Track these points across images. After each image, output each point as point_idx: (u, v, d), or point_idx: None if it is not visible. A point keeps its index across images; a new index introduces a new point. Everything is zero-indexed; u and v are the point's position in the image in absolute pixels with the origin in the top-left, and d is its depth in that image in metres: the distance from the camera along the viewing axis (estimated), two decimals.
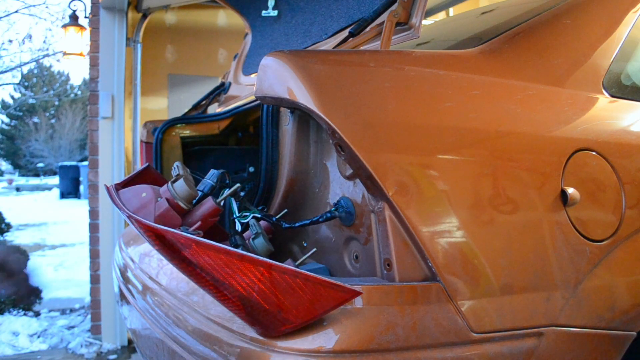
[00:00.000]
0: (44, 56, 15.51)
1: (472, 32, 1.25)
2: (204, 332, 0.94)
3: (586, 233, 0.96)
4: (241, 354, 0.84)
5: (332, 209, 0.98)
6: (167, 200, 1.00)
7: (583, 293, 0.95)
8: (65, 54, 4.19)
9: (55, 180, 22.65)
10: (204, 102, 2.17)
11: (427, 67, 0.94)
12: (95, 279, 3.24)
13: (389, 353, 0.81)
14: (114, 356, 3.11)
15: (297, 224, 1.02)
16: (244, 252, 0.74)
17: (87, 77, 3.43)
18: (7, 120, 30.98)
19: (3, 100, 29.91)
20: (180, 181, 1.03)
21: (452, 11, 2.88)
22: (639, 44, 1.21)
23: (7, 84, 19.82)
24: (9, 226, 7.11)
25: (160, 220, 0.97)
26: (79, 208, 11.89)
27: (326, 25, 1.41)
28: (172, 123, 1.96)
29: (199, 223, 1.02)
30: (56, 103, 28.27)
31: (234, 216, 1.04)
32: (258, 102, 1.23)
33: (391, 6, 1.05)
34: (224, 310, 0.95)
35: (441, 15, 2.54)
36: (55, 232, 9.02)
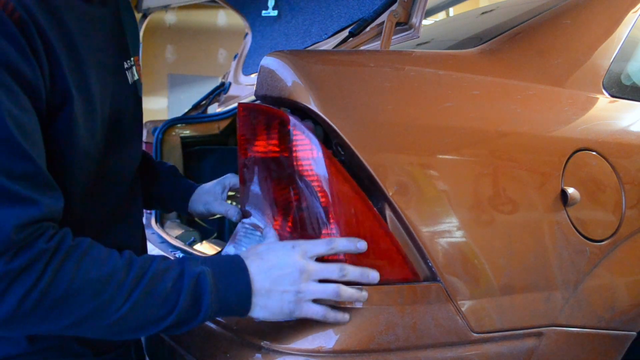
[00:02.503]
0: None
1: (472, 32, 1.25)
2: (204, 331, 0.94)
3: (586, 233, 0.96)
4: (241, 354, 0.84)
5: None
6: None
7: (583, 293, 0.95)
8: None
9: None
10: (204, 102, 2.17)
11: (427, 67, 0.94)
12: None
13: (389, 353, 0.81)
14: None
15: None
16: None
17: None
18: None
19: None
20: None
21: (452, 11, 2.87)
22: (639, 44, 1.21)
23: None
24: None
25: None
26: None
27: (326, 25, 1.41)
28: (172, 123, 1.96)
29: None
30: None
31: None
32: (258, 102, 1.23)
33: (391, 6, 1.04)
34: None
35: (441, 15, 2.54)
36: None
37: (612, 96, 1.10)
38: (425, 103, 0.90)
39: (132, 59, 0.98)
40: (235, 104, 1.95)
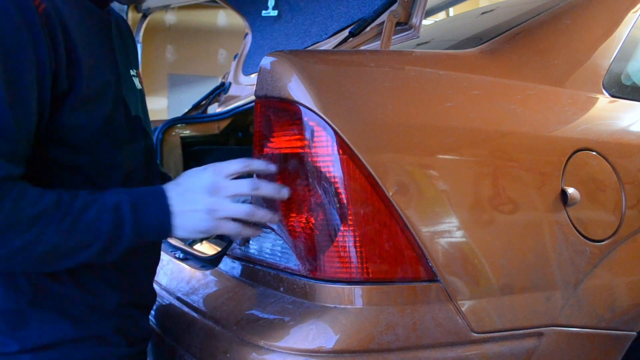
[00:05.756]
0: None
1: (472, 32, 1.25)
2: (204, 331, 0.94)
3: (586, 233, 0.96)
4: (241, 354, 0.84)
5: None
6: None
7: (583, 293, 0.95)
8: None
9: None
10: (204, 102, 2.17)
11: (427, 67, 0.94)
12: None
13: (389, 353, 0.81)
14: None
15: None
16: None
17: None
18: None
19: None
20: None
21: (452, 11, 2.87)
22: (639, 44, 1.21)
23: None
24: None
25: None
26: None
27: (326, 25, 1.41)
28: (172, 123, 1.96)
29: None
30: None
31: None
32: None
33: (391, 6, 1.05)
34: (224, 310, 0.95)
35: (441, 15, 2.54)
36: None
37: (612, 96, 1.10)
38: (425, 103, 0.90)
39: (135, 70, 1.07)
40: (235, 104, 1.96)
